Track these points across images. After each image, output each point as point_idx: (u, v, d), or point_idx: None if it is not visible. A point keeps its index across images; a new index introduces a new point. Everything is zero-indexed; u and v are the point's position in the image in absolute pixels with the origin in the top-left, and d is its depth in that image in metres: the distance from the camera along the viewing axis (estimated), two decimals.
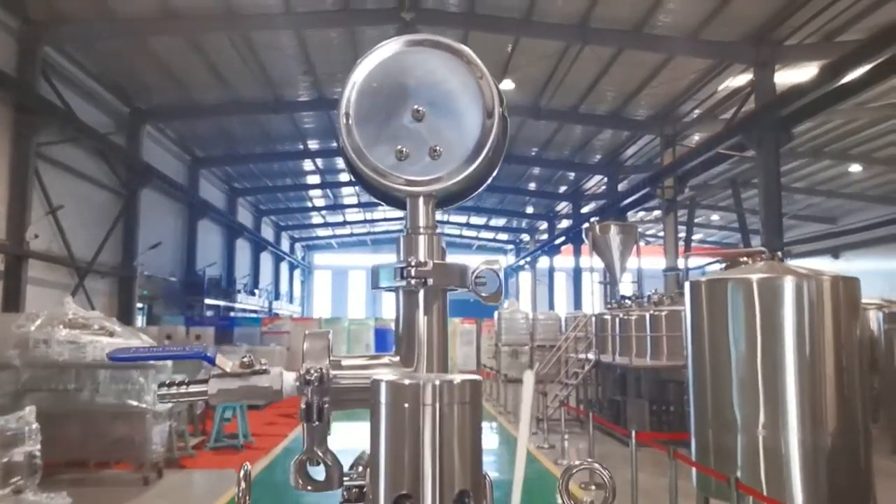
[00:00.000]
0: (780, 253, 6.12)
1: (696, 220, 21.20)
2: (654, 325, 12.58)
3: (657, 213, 25.69)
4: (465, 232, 43.64)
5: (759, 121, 14.73)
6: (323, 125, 24.04)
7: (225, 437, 11.40)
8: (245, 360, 0.96)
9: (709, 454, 5.68)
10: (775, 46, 15.05)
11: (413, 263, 0.96)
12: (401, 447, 0.76)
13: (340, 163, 29.41)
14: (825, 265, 22.65)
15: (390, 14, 16.10)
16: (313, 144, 26.48)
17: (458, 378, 0.78)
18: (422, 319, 0.97)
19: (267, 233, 38.88)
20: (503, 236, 45.10)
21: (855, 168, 22.52)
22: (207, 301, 26.96)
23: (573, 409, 13.95)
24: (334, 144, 26.22)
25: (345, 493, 0.91)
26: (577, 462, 0.88)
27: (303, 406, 0.91)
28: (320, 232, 45.74)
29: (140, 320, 21.63)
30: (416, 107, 1.00)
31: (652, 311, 12.84)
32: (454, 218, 40.76)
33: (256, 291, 35.24)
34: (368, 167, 1.00)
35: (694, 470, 5.82)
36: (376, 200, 1.11)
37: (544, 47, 16.89)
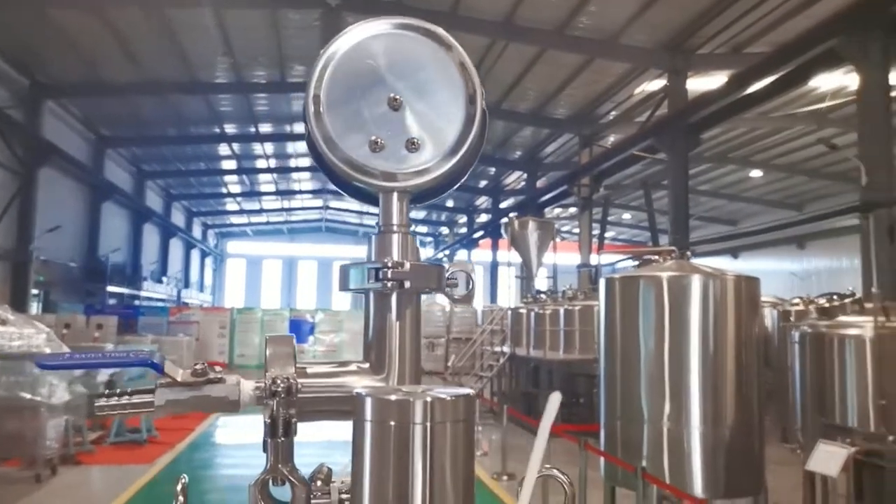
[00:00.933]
0: (689, 252, 6.38)
1: (609, 219, 21.90)
2: (568, 320, 12.91)
3: (573, 210, 26.37)
4: None
5: (670, 125, 15.36)
6: (241, 109, 23.29)
7: (126, 431, 10.89)
8: (198, 367, 0.85)
9: (616, 445, 5.87)
10: (688, 55, 15.71)
11: (390, 264, 0.89)
12: (389, 469, 0.70)
13: (258, 148, 28.68)
14: (725, 264, 23.92)
15: None
16: (230, 128, 25.63)
17: (450, 393, 0.72)
18: (394, 325, 0.89)
19: (177, 218, 37.38)
20: (422, 229, 45.18)
21: (755, 173, 23.85)
22: (110, 288, 25.66)
23: (487, 402, 14.14)
24: (252, 129, 25.50)
25: None
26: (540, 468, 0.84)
27: (267, 420, 0.80)
28: (235, 219, 44.40)
29: (35, 308, 20.35)
30: (393, 95, 0.92)
31: (566, 306, 13.17)
32: (373, 209, 40.50)
33: (164, 279, 33.85)
34: (340, 158, 0.91)
35: (602, 460, 6.01)
36: (345, 194, 1.02)
37: (469, 42, 16.96)
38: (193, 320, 23.74)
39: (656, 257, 6.77)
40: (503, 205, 30.43)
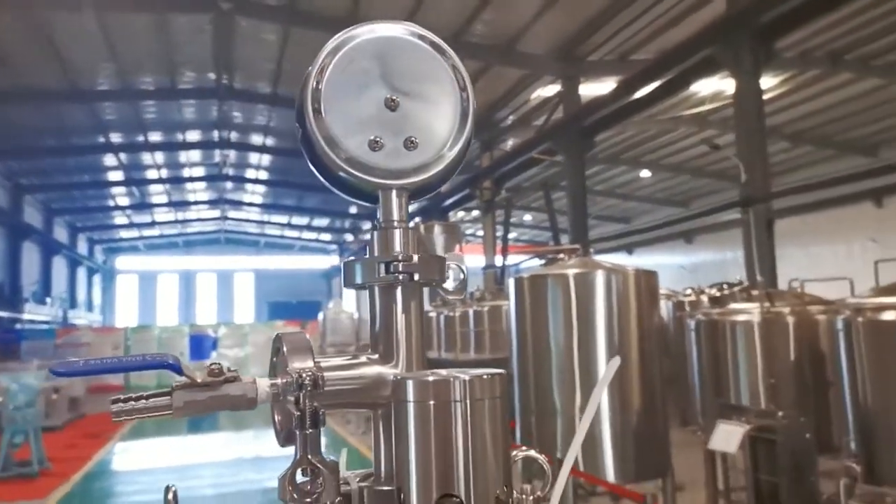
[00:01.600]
0: (592, 249, 6.67)
1: (511, 220, 22.43)
2: (477, 321, 13.14)
3: (476, 213, 26.83)
4: (287, 232, 42.54)
5: (566, 129, 15.97)
6: (127, 117, 22.16)
7: (15, 464, 10.11)
8: (214, 367, 0.85)
9: (532, 439, 6.04)
10: (580, 61, 16.38)
11: (400, 258, 0.92)
12: (431, 446, 0.73)
13: (148, 158, 27.36)
14: (621, 261, 25.08)
15: (205, 2, 15.26)
16: (116, 138, 24.31)
17: (483, 373, 0.75)
18: (400, 316, 0.92)
19: (60, 234, 35.04)
20: (326, 237, 44.61)
21: (645, 173, 25.14)
22: None
23: None
24: (140, 138, 24.32)
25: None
26: (513, 451, 0.88)
27: (296, 413, 0.81)
28: (125, 233, 42.10)
29: None
30: (390, 95, 0.95)
31: (475, 307, 13.39)
32: (275, 218, 39.56)
33: (48, 300, 31.63)
34: (341, 157, 0.92)
35: None
36: (342, 195, 1.02)
37: None
38: (83, 342, 22.38)
39: (561, 255, 7.03)
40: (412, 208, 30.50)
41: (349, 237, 42.64)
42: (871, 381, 5.20)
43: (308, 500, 0.81)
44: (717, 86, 15.23)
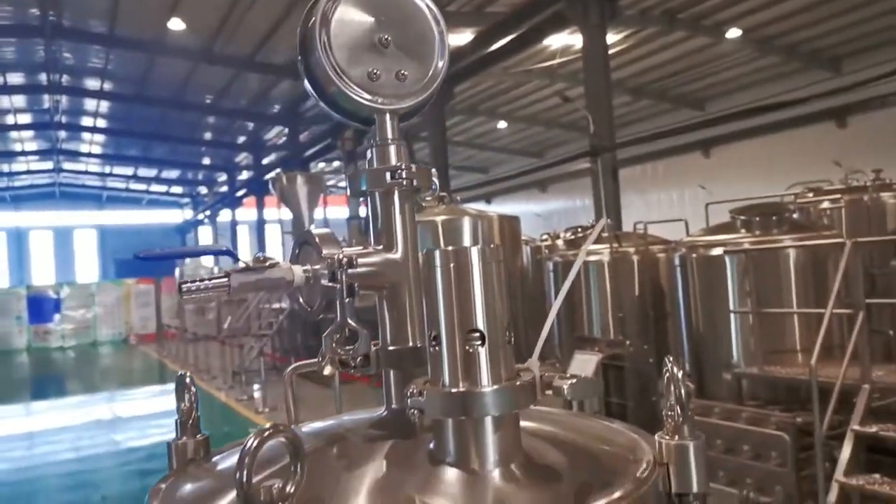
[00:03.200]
0: (458, 198, 6.96)
1: None
2: None
3: (337, 163, 26.49)
4: (133, 185, 39.68)
5: None
6: None
7: None
8: (259, 255, 1.03)
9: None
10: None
11: (402, 167, 1.12)
12: (452, 298, 0.90)
13: None
14: (482, 209, 25.92)
15: None
16: None
17: (494, 245, 0.94)
18: (398, 215, 1.13)
19: None
20: (178, 189, 42.12)
21: (502, 124, 25.95)
22: None
23: (272, 357, 14.06)
24: None
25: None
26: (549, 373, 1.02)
27: (340, 286, 1.02)
28: None
29: None
30: (383, 36, 1.15)
31: None
32: (118, 170, 36.73)
33: None
34: (346, 86, 1.12)
35: None
36: (340, 118, 1.21)
37: None
38: None
39: (427, 201, 7.26)
40: (265, 161, 29.49)
41: (203, 189, 40.57)
42: (702, 309, 5.95)
43: (341, 352, 1.05)
44: (567, 40, 15.95)
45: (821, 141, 17.41)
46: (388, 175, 1.13)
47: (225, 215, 35.54)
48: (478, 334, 0.90)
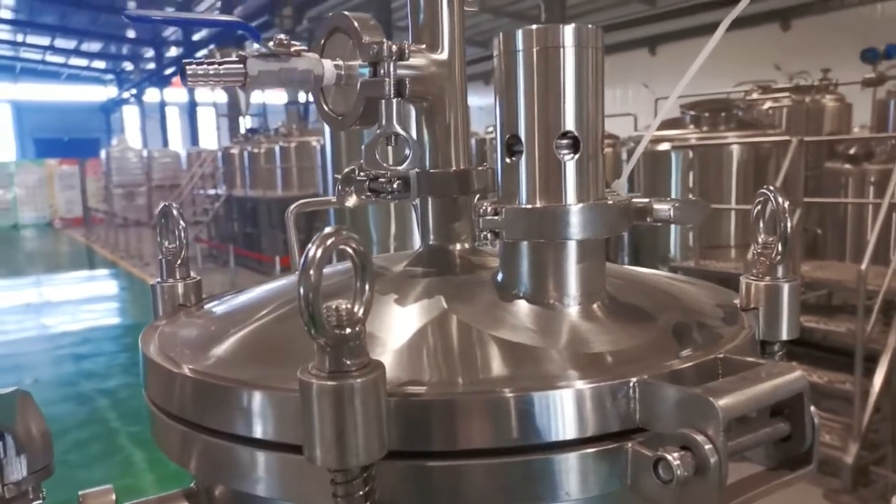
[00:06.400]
0: None
1: None
2: (284, 157, 12.82)
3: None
4: (50, 57, 36.76)
5: None
6: None
7: None
8: (281, 37, 0.82)
9: None
10: None
11: None
12: (548, 86, 0.74)
13: None
14: None
15: None
16: None
17: (590, 25, 0.78)
18: (444, 7, 0.93)
19: None
20: (100, 64, 39.29)
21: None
22: None
23: (210, 244, 13.79)
24: None
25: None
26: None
27: (388, 88, 0.82)
28: None
29: None
30: None
31: (281, 143, 13.00)
32: (32, 39, 33.86)
33: None
34: None
35: None
36: None
37: None
38: None
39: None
40: (196, 37, 27.64)
41: (129, 65, 38.04)
42: None
43: (386, 164, 0.86)
44: None
45: (765, 42, 17.50)
46: None
47: (153, 95, 33.59)
48: (569, 140, 0.75)
